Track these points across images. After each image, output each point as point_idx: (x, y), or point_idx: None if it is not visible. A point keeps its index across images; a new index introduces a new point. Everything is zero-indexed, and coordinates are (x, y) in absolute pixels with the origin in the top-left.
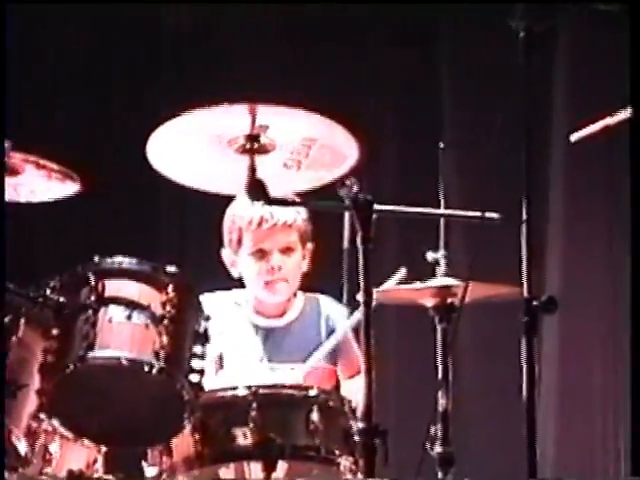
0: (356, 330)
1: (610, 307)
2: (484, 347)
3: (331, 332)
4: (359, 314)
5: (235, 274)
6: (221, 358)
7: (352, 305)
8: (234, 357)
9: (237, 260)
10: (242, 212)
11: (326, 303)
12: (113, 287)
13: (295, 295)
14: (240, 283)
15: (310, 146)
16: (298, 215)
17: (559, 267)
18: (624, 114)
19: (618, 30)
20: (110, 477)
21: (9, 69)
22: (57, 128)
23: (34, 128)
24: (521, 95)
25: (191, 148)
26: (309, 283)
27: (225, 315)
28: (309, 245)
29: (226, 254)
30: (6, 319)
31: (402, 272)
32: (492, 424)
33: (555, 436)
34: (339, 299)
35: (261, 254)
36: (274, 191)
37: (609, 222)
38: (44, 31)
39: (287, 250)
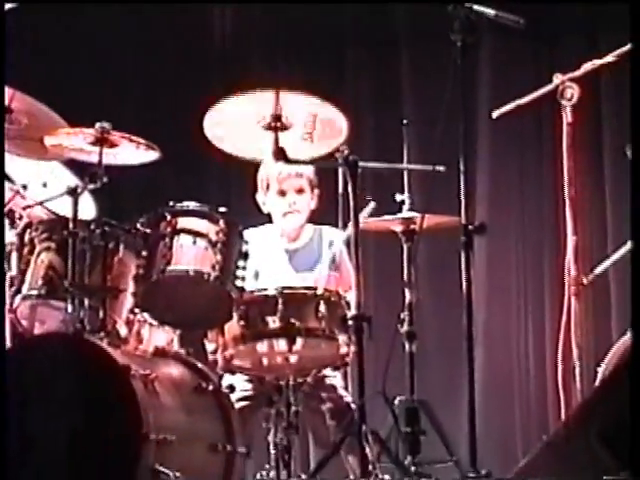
0: (348, 245)
1: (520, 233)
2: (435, 261)
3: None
4: (347, 231)
5: (265, 211)
6: (257, 273)
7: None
8: (268, 269)
9: (266, 200)
10: (270, 167)
11: (328, 231)
12: (183, 222)
13: (305, 225)
14: (269, 219)
15: (314, 120)
16: (307, 169)
17: (485, 204)
18: (535, 94)
19: (523, 40)
20: (182, 350)
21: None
22: (144, 114)
23: (128, 113)
24: (460, 85)
25: (231, 125)
26: (316, 217)
27: (260, 242)
28: (316, 191)
29: (259, 196)
30: (110, 244)
31: (371, 205)
32: (441, 311)
33: (483, 324)
34: (336, 226)
35: (282, 193)
36: (296, 156)
37: (520, 174)
38: (119, 28)
39: (299, 191)
